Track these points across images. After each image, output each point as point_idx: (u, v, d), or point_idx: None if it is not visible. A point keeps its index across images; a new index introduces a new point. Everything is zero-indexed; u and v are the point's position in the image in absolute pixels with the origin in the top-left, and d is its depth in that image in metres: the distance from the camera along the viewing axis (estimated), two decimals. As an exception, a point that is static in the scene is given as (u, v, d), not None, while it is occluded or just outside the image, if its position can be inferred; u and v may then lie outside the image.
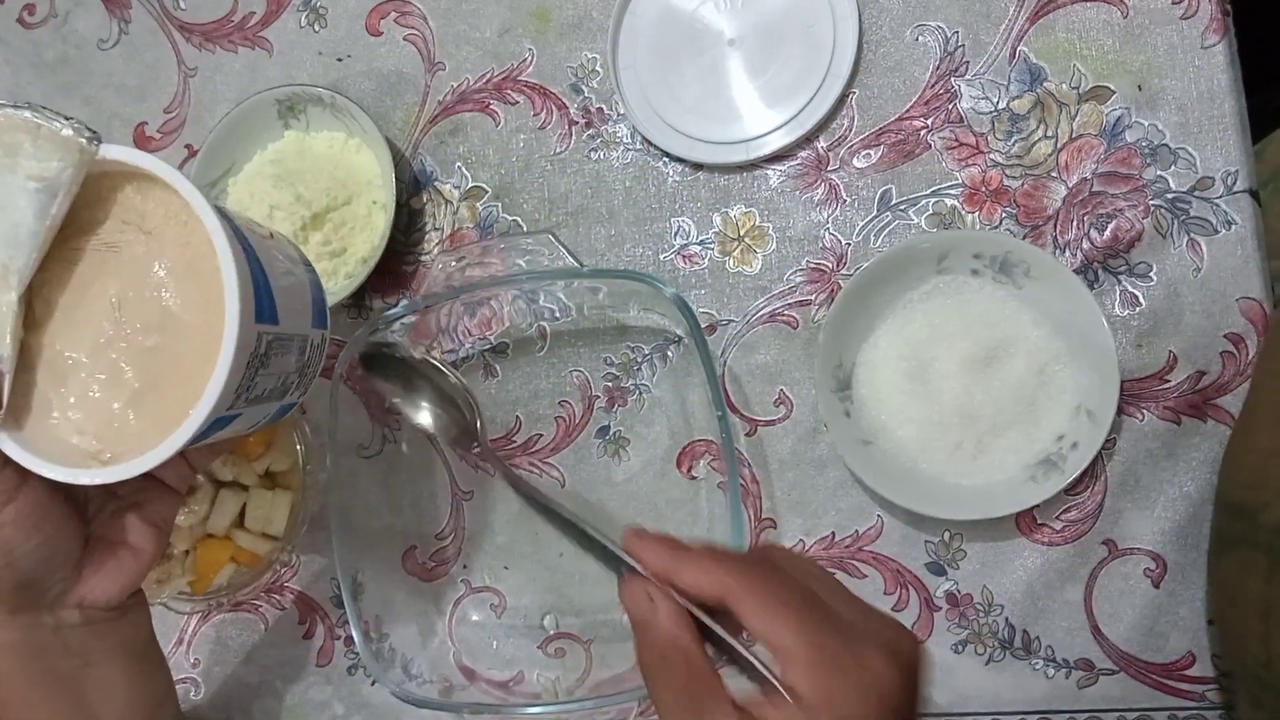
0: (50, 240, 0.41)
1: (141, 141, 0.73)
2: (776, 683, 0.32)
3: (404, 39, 0.69)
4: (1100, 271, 0.57)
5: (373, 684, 0.65)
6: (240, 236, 0.42)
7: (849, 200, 0.61)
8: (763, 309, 0.62)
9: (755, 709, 0.33)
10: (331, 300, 0.56)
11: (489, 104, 0.67)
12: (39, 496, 0.42)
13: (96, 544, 0.46)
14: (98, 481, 0.41)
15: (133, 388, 0.42)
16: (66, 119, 0.40)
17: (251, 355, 0.41)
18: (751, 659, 0.34)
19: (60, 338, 0.42)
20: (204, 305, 0.42)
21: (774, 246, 0.62)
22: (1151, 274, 0.57)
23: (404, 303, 0.65)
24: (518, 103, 0.67)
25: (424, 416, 0.58)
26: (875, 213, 0.61)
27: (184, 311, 0.42)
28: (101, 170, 0.42)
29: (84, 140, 0.40)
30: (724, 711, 0.33)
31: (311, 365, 0.48)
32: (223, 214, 0.42)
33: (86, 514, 0.46)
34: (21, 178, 0.40)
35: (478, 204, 0.67)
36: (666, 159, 0.64)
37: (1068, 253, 0.58)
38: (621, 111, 0.65)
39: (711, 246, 0.63)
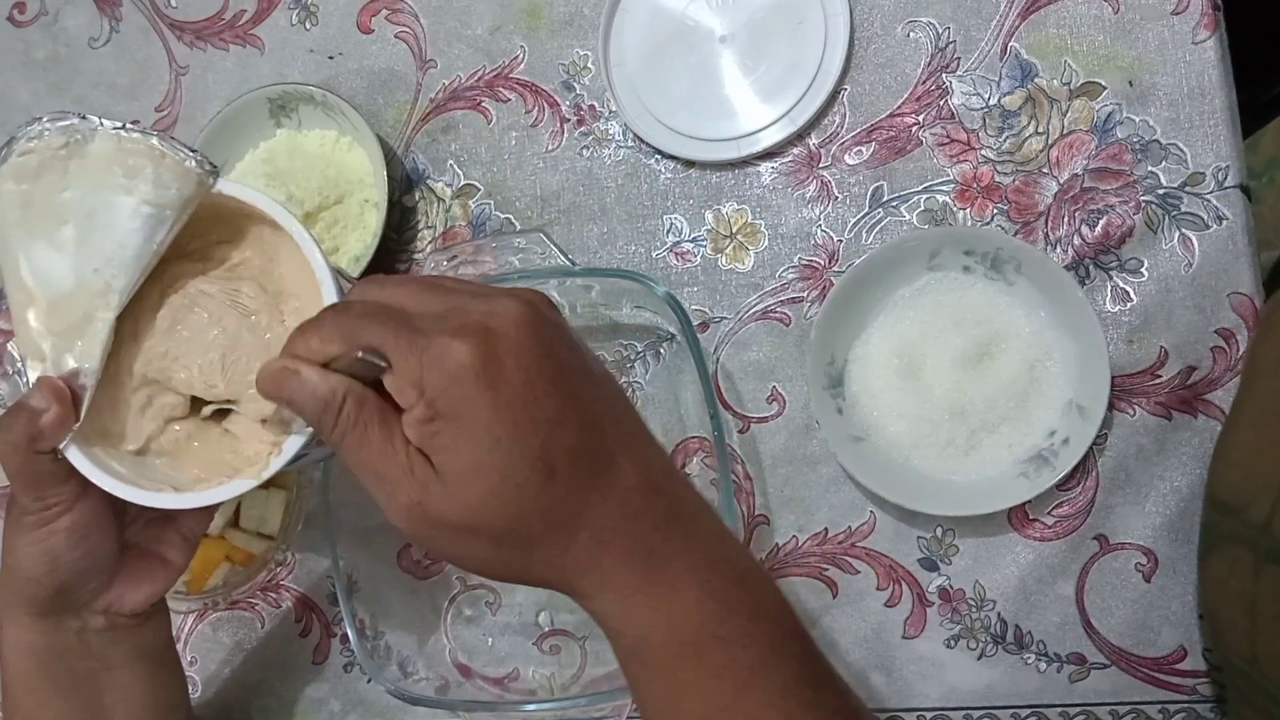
0: (154, 264, 0.41)
1: (133, 140, 0.72)
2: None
3: (395, 36, 0.69)
4: (1091, 267, 0.57)
5: (369, 681, 0.66)
6: (334, 275, 0.43)
7: (841, 197, 0.61)
8: (755, 306, 0.62)
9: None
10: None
11: (481, 101, 0.67)
12: (94, 508, 0.43)
13: (129, 553, 0.47)
14: (181, 507, 0.41)
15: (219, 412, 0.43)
16: (190, 151, 0.41)
17: None
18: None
19: (148, 358, 0.43)
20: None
21: (766, 244, 0.62)
22: (1142, 270, 0.57)
23: (397, 301, 0.65)
24: (509, 100, 0.67)
25: None
26: (867, 209, 0.61)
27: (276, 342, 0.42)
28: (211, 200, 0.42)
29: (203, 173, 0.41)
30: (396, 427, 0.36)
31: None
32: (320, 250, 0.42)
33: (123, 523, 0.46)
34: (137, 200, 0.40)
35: (470, 202, 0.67)
36: (658, 156, 0.64)
37: (1059, 249, 0.58)
38: (613, 109, 0.64)
39: (704, 244, 0.63)
